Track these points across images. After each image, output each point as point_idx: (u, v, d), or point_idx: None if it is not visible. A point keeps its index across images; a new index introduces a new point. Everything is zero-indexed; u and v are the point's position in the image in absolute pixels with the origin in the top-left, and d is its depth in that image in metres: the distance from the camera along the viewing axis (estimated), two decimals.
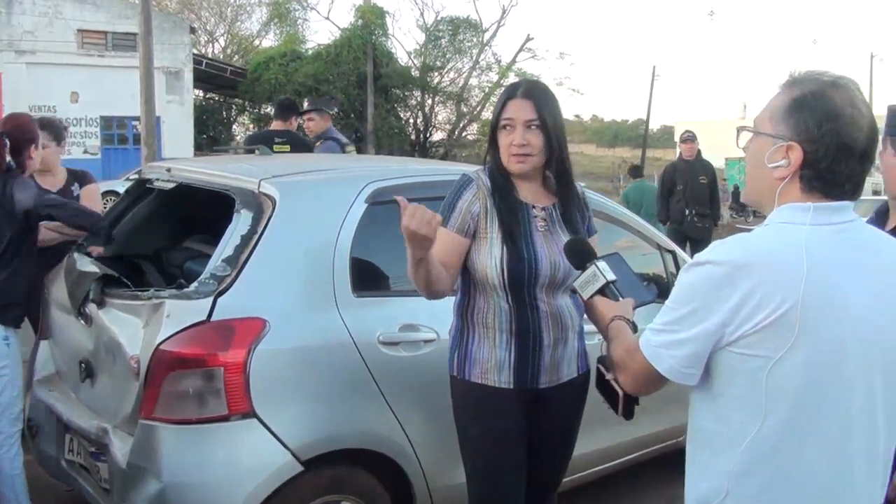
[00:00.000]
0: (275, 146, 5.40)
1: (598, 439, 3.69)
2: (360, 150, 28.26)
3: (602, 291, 2.13)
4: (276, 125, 6.37)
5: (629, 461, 4.07)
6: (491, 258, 2.53)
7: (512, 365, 2.57)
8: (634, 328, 1.99)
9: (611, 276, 2.14)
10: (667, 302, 1.67)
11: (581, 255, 2.28)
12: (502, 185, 2.59)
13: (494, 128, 2.61)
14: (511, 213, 2.56)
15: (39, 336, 3.82)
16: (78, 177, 4.53)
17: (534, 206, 2.62)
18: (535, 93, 2.59)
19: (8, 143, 3.49)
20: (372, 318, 2.98)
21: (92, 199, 4.41)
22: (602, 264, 2.17)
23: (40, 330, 3.83)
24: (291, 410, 2.77)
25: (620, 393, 2.44)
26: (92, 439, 3.01)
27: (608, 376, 2.48)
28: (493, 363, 2.57)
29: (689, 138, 9.12)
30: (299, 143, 6.02)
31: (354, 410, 2.92)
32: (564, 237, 2.60)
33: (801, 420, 1.55)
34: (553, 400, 2.66)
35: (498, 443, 2.60)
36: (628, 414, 2.24)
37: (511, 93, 2.60)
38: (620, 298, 2.11)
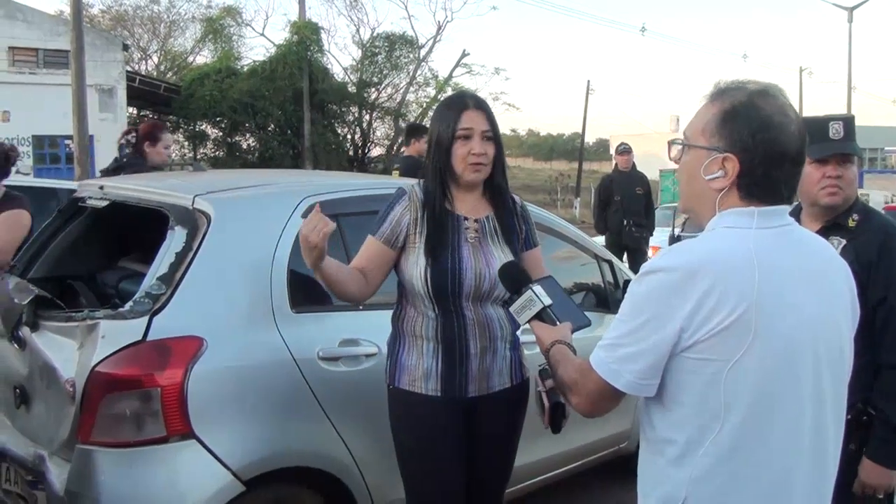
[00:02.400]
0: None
1: (541, 449, 3.73)
2: (296, 167, 28.07)
3: (539, 316, 2.11)
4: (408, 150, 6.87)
5: (574, 469, 4.12)
6: (416, 268, 2.59)
7: (439, 374, 2.61)
8: (574, 352, 1.96)
9: (547, 301, 2.12)
10: (617, 316, 1.66)
11: (516, 280, 2.26)
12: (437, 197, 2.63)
13: (448, 138, 2.61)
14: (438, 225, 2.61)
15: None
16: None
17: (466, 218, 2.66)
18: (485, 105, 2.69)
19: None
20: (311, 334, 2.97)
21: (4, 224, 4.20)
22: (538, 289, 2.14)
23: None
24: (232, 430, 2.73)
25: (547, 405, 2.47)
26: (28, 467, 2.92)
27: (539, 388, 2.52)
28: (421, 371, 2.62)
29: (626, 150, 9.29)
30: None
31: (296, 428, 2.90)
32: (496, 249, 2.65)
33: (757, 420, 1.58)
34: (486, 409, 2.68)
35: (426, 449, 2.63)
36: (556, 427, 2.29)
37: (464, 104, 2.64)
38: (557, 323, 2.09)
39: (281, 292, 2.93)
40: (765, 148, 1.62)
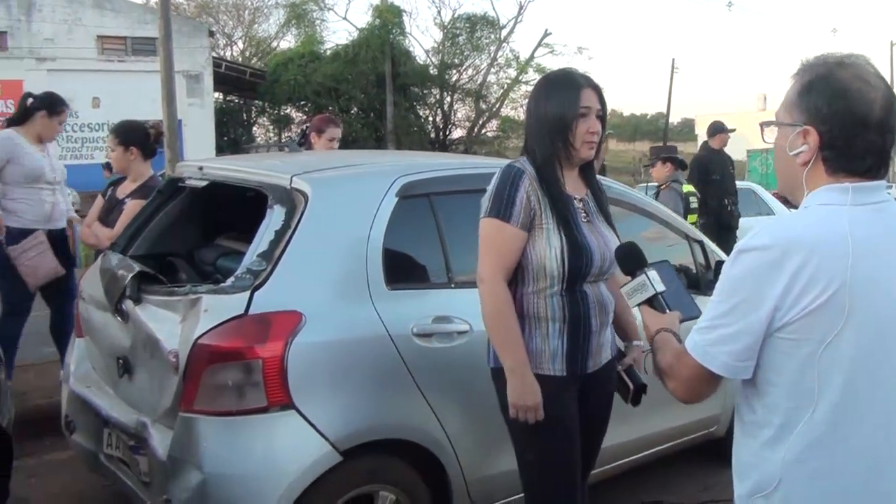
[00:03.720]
0: None
1: (629, 430, 3.71)
2: (379, 150, 28.35)
3: (650, 301, 2.07)
4: None
5: (661, 451, 4.08)
6: (550, 248, 2.54)
7: (564, 353, 2.59)
8: (680, 343, 1.90)
9: (660, 287, 2.06)
10: (712, 298, 1.64)
11: (632, 261, 2.19)
12: (551, 175, 2.60)
13: (572, 116, 2.57)
14: (563, 203, 2.59)
15: (75, 333, 3.88)
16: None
17: (574, 198, 2.66)
18: (597, 84, 2.65)
19: None
20: (405, 311, 3.01)
21: (127, 214, 4.43)
22: (653, 274, 2.08)
23: (76, 328, 3.90)
24: (329, 402, 2.80)
25: (631, 386, 2.66)
26: (131, 433, 3.05)
27: (619, 367, 2.65)
28: (548, 353, 2.58)
29: (722, 129, 9.06)
30: None
31: (390, 402, 2.95)
32: (604, 228, 2.68)
33: (852, 401, 1.55)
34: (595, 384, 2.70)
35: (562, 430, 2.59)
36: (636, 402, 2.64)
37: (580, 82, 2.62)
38: (667, 310, 2.04)
39: (376, 269, 2.97)
40: (841, 116, 1.59)
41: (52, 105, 5.13)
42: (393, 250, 3.05)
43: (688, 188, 7.61)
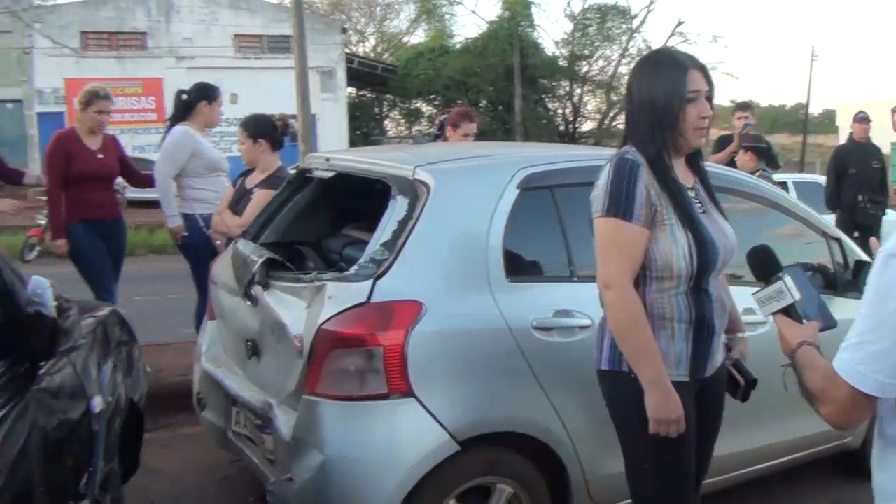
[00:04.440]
0: None
1: (757, 437, 3.57)
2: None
3: (786, 310, 1.94)
4: None
5: (790, 462, 3.89)
6: (676, 246, 2.34)
7: (689, 356, 2.42)
8: (821, 355, 1.76)
9: (797, 295, 1.94)
10: (859, 310, 1.51)
11: (766, 266, 2.05)
12: (664, 165, 2.41)
13: (680, 101, 2.36)
14: (683, 195, 2.41)
15: (208, 316, 4.07)
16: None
17: (687, 188, 2.48)
18: (701, 63, 2.45)
19: None
20: (525, 303, 2.98)
21: (255, 203, 4.61)
22: (789, 280, 1.96)
23: (208, 311, 4.09)
24: (448, 392, 2.81)
25: (742, 382, 2.57)
26: (258, 413, 3.17)
27: (727, 362, 2.56)
28: (674, 356, 2.40)
29: (864, 118, 8.54)
30: None
31: (509, 394, 2.94)
32: (718, 218, 2.50)
33: None
34: (709, 389, 2.54)
35: (681, 438, 2.39)
36: (746, 398, 2.58)
37: (685, 63, 2.41)
38: (805, 321, 1.90)
39: (496, 261, 2.96)
40: None
41: (209, 93, 5.50)
42: (514, 242, 3.03)
43: (780, 179, 7.17)
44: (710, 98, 2.44)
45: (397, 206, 3.01)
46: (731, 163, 6.64)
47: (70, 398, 2.18)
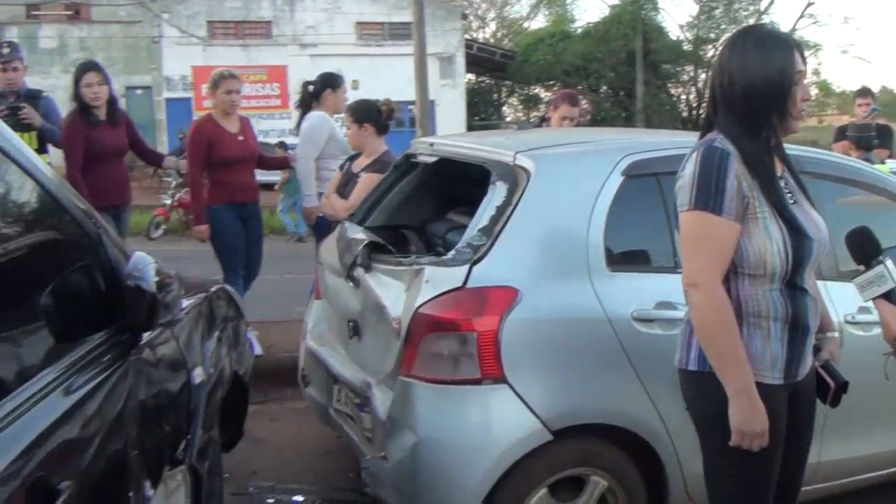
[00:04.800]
0: None
1: (872, 444, 3.38)
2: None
3: (887, 295, 1.87)
4: None
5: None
6: (771, 241, 2.17)
7: (784, 358, 2.25)
8: None
9: None
10: None
11: (866, 249, 1.97)
12: (758, 152, 2.22)
13: (790, 81, 2.18)
14: (776, 186, 2.23)
15: (314, 296, 4.17)
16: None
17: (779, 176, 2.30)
18: (798, 42, 2.27)
19: None
20: (626, 293, 2.92)
21: (362, 187, 4.70)
22: (891, 264, 1.88)
23: (315, 290, 4.19)
24: (541, 380, 2.79)
25: (833, 384, 2.34)
26: (357, 391, 3.23)
27: (816, 363, 2.35)
28: (769, 359, 2.23)
29: None
30: None
31: (606, 386, 2.88)
32: (809, 208, 2.30)
33: None
34: (801, 392, 2.35)
35: (776, 446, 2.25)
36: (836, 402, 2.33)
37: (789, 42, 2.24)
38: None
39: (597, 249, 2.90)
40: None
41: (333, 81, 5.77)
42: (616, 230, 2.96)
43: (885, 168, 6.73)
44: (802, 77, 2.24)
45: (496, 192, 2.99)
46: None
47: (170, 369, 2.27)
